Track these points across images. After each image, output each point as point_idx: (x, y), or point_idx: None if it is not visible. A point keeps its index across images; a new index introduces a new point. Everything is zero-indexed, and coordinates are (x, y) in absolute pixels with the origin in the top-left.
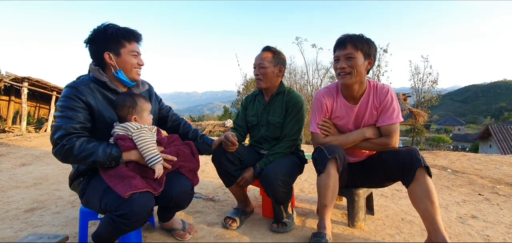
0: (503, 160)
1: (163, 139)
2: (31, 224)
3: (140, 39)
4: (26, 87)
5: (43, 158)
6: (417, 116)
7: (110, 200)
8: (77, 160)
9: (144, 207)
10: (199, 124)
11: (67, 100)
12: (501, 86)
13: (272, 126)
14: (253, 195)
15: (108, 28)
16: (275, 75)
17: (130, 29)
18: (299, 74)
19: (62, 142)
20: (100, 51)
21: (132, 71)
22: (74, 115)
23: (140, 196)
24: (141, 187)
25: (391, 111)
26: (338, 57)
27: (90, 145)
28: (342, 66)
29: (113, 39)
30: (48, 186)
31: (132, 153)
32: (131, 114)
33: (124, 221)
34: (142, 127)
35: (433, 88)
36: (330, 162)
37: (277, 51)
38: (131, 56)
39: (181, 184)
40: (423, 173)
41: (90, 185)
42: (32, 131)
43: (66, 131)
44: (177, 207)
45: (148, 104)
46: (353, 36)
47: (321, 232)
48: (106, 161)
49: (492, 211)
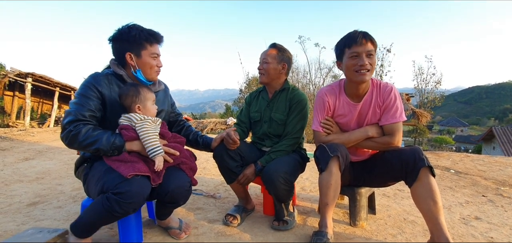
0: (508, 161)
1: (168, 133)
2: (33, 218)
3: (161, 41)
4: (30, 82)
5: (45, 153)
6: (420, 116)
7: (109, 179)
8: (81, 146)
9: (142, 191)
10: (201, 121)
11: (84, 88)
12: (506, 87)
13: (274, 123)
14: (254, 193)
15: (132, 29)
16: (278, 72)
17: (152, 32)
18: (301, 73)
19: (69, 128)
20: (122, 51)
21: (151, 72)
22: (86, 102)
23: (141, 180)
24: (144, 170)
25: (394, 109)
26: (358, 53)
27: (95, 133)
28: (365, 63)
29: (135, 41)
30: (50, 180)
31: (135, 143)
32: (134, 103)
33: (119, 200)
34: (146, 118)
35: (436, 88)
36: (332, 160)
37: (283, 48)
38: (151, 58)
39: (180, 179)
40: (426, 173)
41: (93, 168)
42: (35, 126)
43: (75, 116)
44: (173, 203)
45: (151, 93)
46: (368, 33)
47: (323, 231)
48: (109, 149)
49: (496, 212)
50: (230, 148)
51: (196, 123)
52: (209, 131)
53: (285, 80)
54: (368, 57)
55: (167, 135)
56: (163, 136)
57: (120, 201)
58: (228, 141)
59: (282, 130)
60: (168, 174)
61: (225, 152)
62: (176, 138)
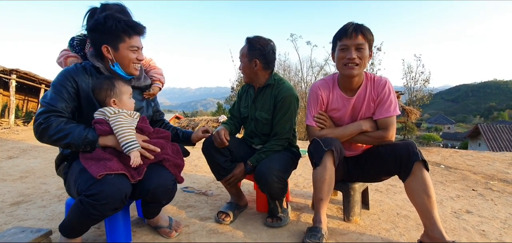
0: (495, 156)
1: (149, 128)
2: (17, 218)
3: (142, 32)
4: (14, 79)
5: (30, 151)
6: (410, 114)
7: (83, 180)
8: (51, 140)
9: (117, 190)
10: (193, 119)
11: (59, 78)
12: (491, 86)
13: (260, 122)
14: (247, 189)
15: (108, 20)
16: (252, 70)
17: (132, 22)
18: (293, 71)
19: (39, 120)
20: (99, 43)
21: (129, 66)
22: (60, 93)
23: (115, 178)
24: (116, 169)
25: (389, 103)
26: (347, 46)
27: (67, 126)
28: (352, 56)
29: (112, 32)
30: (35, 179)
31: (109, 138)
32: (109, 97)
33: (92, 202)
34: (121, 111)
35: (425, 87)
36: (327, 154)
37: (253, 41)
38: (129, 52)
39: (162, 177)
40: (420, 167)
41: (71, 167)
42: (20, 124)
43: (46, 108)
44: (155, 202)
45: (127, 87)
46: (362, 25)
47: (317, 226)
48: (81, 144)
49: (486, 206)
50: (218, 146)
51: (187, 120)
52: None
53: (270, 74)
54: (358, 51)
55: (147, 129)
56: (143, 131)
57: (93, 204)
58: (216, 140)
59: (269, 129)
60: (150, 172)
61: (213, 146)
62: (159, 133)
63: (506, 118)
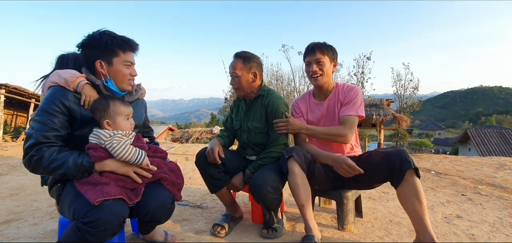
0: (483, 161)
1: (145, 147)
2: (7, 237)
3: (136, 49)
4: (3, 94)
5: (20, 168)
6: (400, 121)
7: (79, 206)
8: (47, 172)
9: (115, 216)
10: (186, 131)
11: (47, 103)
12: (478, 92)
13: (252, 132)
14: (242, 201)
15: (104, 35)
16: (251, 81)
17: (126, 39)
18: (286, 81)
19: (31, 152)
20: (92, 58)
21: (123, 82)
22: (50, 121)
23: (113, 204)
24: (114, 194)
25: (352, 104)
26: (310, 62)
27: (60, 155)
28: (314, 69)
29: (107, 47)
30: (25, 196)
31: (106, 163)
32: (103, 118)
33: (90, 229)
34: (115, 133)
35: (414, 94)
36: (289, 161)
37: (247, 56)
38: (123, 66)
39: (160, 197)
40: (412, 174)
41: (65, 189)
42: (8, 140)
43: (36, 140)
44: (154, 222)
45: (123, 107)
46: (319, 43)
47: (309, 234)
48: (78, 173)
49: (475, 210)
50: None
51: (181, 132)
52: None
53: (260, 86)
54: (318, 64)
55: (144, 148)
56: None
57: (91, 231)
58: (210, 156)
59: (261, 138)
60: (148, 192)
61: (206, 160)
62: (156, 152)
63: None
